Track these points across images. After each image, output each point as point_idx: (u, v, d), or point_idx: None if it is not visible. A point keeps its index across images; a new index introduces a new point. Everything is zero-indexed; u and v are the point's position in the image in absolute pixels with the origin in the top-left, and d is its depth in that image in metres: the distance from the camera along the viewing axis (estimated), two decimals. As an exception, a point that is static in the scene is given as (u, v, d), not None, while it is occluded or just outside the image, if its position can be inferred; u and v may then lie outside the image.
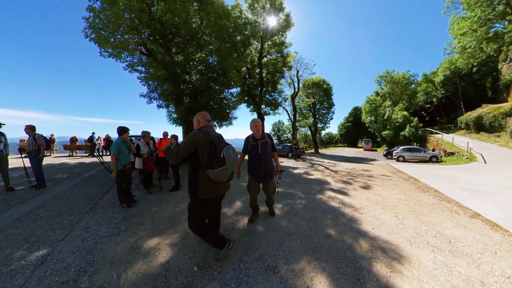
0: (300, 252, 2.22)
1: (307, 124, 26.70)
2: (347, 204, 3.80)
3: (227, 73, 10.16)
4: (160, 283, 1.81)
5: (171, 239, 2.60)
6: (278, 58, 16.17)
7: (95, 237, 2.69)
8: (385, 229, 2.80)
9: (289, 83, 21.92)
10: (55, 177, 6.22)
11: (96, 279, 1.89)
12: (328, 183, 5.77)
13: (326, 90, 28.00)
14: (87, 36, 8.01)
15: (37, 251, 2.34)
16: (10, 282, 1.84)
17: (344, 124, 53.94)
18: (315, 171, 8.09)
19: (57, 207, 3.76)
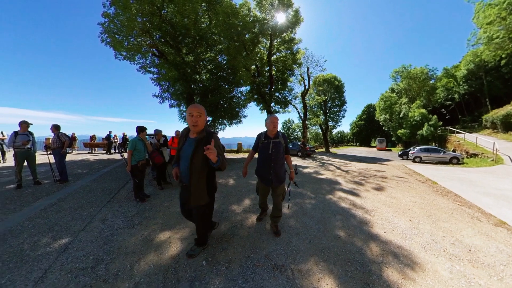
0: (308, 252, 2.20)
1: (317, 123, 25.94)
2: (358, 206, 3.70)
3: (236, 71, 10.23)
4: (170, 275, 1.89)
5: (182, 233, 2.69)
6: (288, 55, 15.88)
7: (111, 228, 2.85)
8: (398, 233, 2.68)
9: (299, 81, 21.50)
10: (76, 172, 6.66)
11: (112, 267, 2.01)
12: (339, 183, 5.64)
13: (338, 87, 26.95)
14: (103, 41, 8.44)
15: (60, 239, 2.54)
16: (37, 266, 2.02)
17: (356, 122, 51.76)
18: (326, 171, 7.94)
19: (78, 200, 4.04)
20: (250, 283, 1.76)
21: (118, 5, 7.64)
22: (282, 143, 2.51)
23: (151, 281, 1.82)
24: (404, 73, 31.32)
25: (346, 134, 61.04)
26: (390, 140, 38.70)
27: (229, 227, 2.83)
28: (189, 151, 1.87)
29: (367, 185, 5.35)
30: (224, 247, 2.32)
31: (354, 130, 52.16)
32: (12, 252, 2.26)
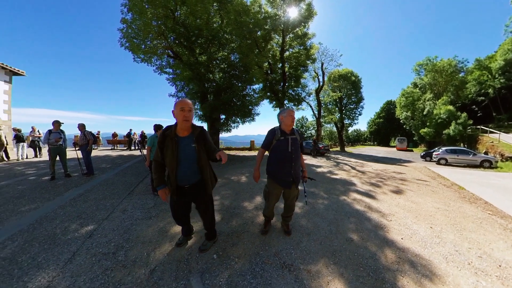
0: (318, 253, 2.17)
1: (332, 120, 24.67)
2: (373, 209, 3.54)
3: (249, 69, 10.29)
4: (182, 265, 1.99)
5: (195, 227, 2.78)
6: (301, 51, 15.37)
7: (131, 219, 3.06)
8: (417, 241, 2.52)
9: (313, 77, 20.75)
10: (101, 166, 7.23)
11: (131, 254, 2.17)
12: (354, 184, 5.44)
13: (355, 82, 25.26)
14: (122, 45, 9.03)
15: (87, 226, 2.78)
16: (67, 249, 2.25)
17: (374, 120, 48.81)
18: (340, 171, 7.70)
19: (102, 191, 4.37)
20: (258, 279, 1.78)
21: (134, 11, 8.10)
22: (299, 140, 2.33)
23: (165, 269, 1.93)
24: (428, 66, 28.20)
25: (363, 133, 58.14)
26: (411, 140, 36.09)
27: (240, 223, 2.88)
28: (190, 152, 1.80)
29: (384, 188, 5.10)
30: (234, 243, 2.38)
31: (372, 128, 49.26)
32: (47, 235, 2.53)
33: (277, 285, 1.72)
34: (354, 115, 26.82)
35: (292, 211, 2.50)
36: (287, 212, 2.50)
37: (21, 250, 2.23)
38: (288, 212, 2.49)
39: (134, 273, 1.88)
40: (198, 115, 10.75)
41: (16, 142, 8.57)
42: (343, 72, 24.73)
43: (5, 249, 2.25)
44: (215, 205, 3.62)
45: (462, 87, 27.19)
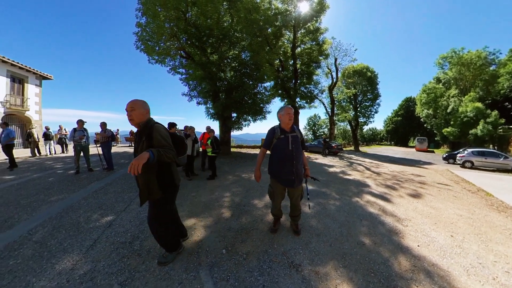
0: (328, 255, 2.13)
1: (346, 118, 23.39)
2: (388, 213, 3.39)
3: (260, 67, 10.26)
4: (193, 258, 2.06)
5: (205, 222, 2.88)
6: (313, 46, 14.79)
7: (146, 211, 3.19)
8: (435, 249, 2.36)
9: (326, 73, 19.93)
10: (119, 162, 7.68)
11: (145, 244, 2.30)
12: (368, 185, 5.24)
13: (370, 78, 23.57)
14: (137, 48, 9.48)
15: (107, 217, 2.98)
16: (89, 236, 2.44)
17: (392, 118, 45.64)
18: (354, 171, 7.45)
19: (121, 185, 4.65)
20: (265, 277, 1.80)
21: (148, 14, 8.47)
22: (299, 137, 2.28)
23: (176, 261, 2.02)
24: (454, 59, 25.16)
25: (379, 132, 55.01)
26: (433, 140, 33.50)
27: (249, 221, 2.91)
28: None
29: (401, 191, 4.85)
30: (243, 239, 2.41)
31: (389, 127, 46.07)
32: (72, 223, 2.76)
33: (284, 284, 1.72)
34: (370, 113, 25.19)
35: (298, 211, 2.47)
36: (293, 212, 2.48)
37: (50, 235, 2.46)
38: (295, 211, 2.46)
39: (148, 262, 1.99)
40: (210, 114, 10.94)
41: (45, 139, 9.38)
42: (358, 68, 23.28)
43: (37, 233, 2.50)
44: (226, 201, 3.73)
45: (493, 82, 23.76)
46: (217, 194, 4.18)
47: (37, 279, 1.76)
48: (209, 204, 3.58)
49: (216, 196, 4.06)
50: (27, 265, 1.94)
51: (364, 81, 23.76)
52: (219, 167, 6.14)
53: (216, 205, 3.54)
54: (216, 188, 4.62)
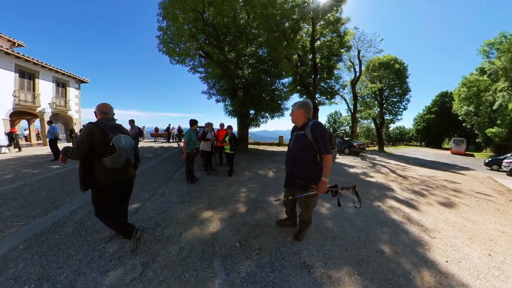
0: (342, 260, 2.06)
1: (370, 116, 21.29)
2: (414, 221, 3.13)
3: (277, 63, 10.11)
4: (208, 248, 2.17)
5: (222, 215, 2.99)
6: (334, 38, 13.81)
7: (168, 201, 3.46)
8: (467, 267, 2.08)
9: (348, 67, 18.48)
10: (145, 156, 8.32)
11: (166, 232, 2.48)
12: (392, 189, 4.89)
13: (399, 71, 20.88)
14: (160, 50, 10.06)
15: (133, 204, 3.27)
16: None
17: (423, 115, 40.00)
18: (376, 173, 6.99)
19: (146, 176, 5.06)
20: (276, 274, 1.82)
21: (168, 18, 8.93)
22: (309, 138, 1.94)
23: (192, 249, 2.15)
24: (504, 45, 19.97)
25: (407, 131, 49.27)
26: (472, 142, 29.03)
27: (264, 217, 2.94)
28: None
29: (430, 198, 4.43)
30: (257, 235, 2.45)
31: (420, 125, 40.46)
32: None
33: (294, 284, 1.72)
34: (397, 109, 22.40)
35: (303, 217, 2.28)
36: (301, 217, 2.33)
37: (87, 217, 2.79)
38: (300, 215, 2.32)
39: (168, 248, 2.15)
40: (228, 111, 11.14)
41: None
42: (384, 60, 20.63)
43: (76, 215, 2.86)
44: (242, 196, 3.83)
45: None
46: (233, 189, 4.30)
47: (76, 253, 2.03)
48: (226, 198, 3.70)
49: (232, 191, 4.17)
50: (69, 241, 2.24)
51: (392, 74, 20.94)
52: (236, 163, 6.28)
53: (232, 200, 3.64)
54: (233, 183, 4.74)
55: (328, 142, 1.93)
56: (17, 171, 5.42)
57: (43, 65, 11.42)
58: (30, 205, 3.17)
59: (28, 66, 10.87)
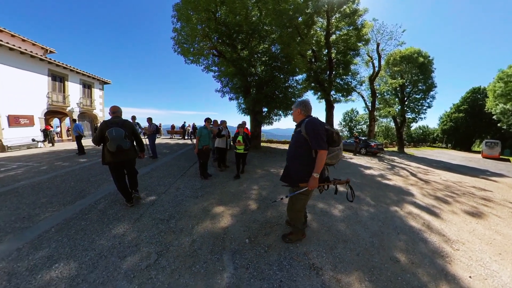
0: (353, 265, 2.00)
1: (390, 114, 19.07)
2: (435, 230, 2.92)
3: (291, 60, 9.87)
4: (218, 242, 2.24)
5: (233, 211, 3.05)
6: (350, 31, 12.80)
7: (182, 195, 3.60)
8: (494, 286, 1.88)
9: (366, 62, 17.37)
10: (162, 151, 8.70)
11: (179, 224, 2.60)
12: (412, 194, 4.61)
13: (423, 65, 18.62)
14: (175, 51, 10.32)
15: (150, 197, 3.46)
16: (137, 211, 2.90)
17: (450, 114, 35.60)
18: (395, 176, 6.62)
19: (162, 171, 5.31)
20: (284, 273, 1.82)
21: (182, 19, 9.13)
22: (303, 133, 1.96)
23: (204, 242, 2.23)
24: None
25: (431, 131, 44.10)
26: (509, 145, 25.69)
27: (274, 215, 2.95)
28: None
29: (455, 205, 4.10)
30: (267, 232, 2.47)
31: (446, 125, 36.05)
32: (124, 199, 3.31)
33: (302, 285, 1.71)
34: (421, 107, 19.98)
35: (288, 217, 2.30)
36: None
37: (109, 206, 3.02)
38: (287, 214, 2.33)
39: (180, 239, 2.26)
40: (241, 109, 11.18)
41: None
42: (406, 53, 18.62)
43: (100, 204, 3.10)
44: (253, 194, 3.89)
45: None
46: (245, 186, 4.35)
47: (99, 238, 2.22)
48: (237, 195, 3.76)
49: (244, 188, 4.22)
50: (93, 227, 2.45)
51: (415, 69, 18.68)
52: (248, 160, 6.34)
53: (244, 197, 3.69)
54: (245, 180, 4.79)
55: (321, 138, 1.88)
56: (50, 164, 6.02)
57: (71, 69, 12.63)
58: (61, 194, 3.50)
59: (59, 70, 12.08)
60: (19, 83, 9.78)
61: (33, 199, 3.26)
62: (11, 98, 9.47)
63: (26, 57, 10.07)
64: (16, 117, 9.64)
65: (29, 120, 10.27)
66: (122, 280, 1.69)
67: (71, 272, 1.76)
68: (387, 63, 19.15)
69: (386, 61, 18.87)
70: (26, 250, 2.02)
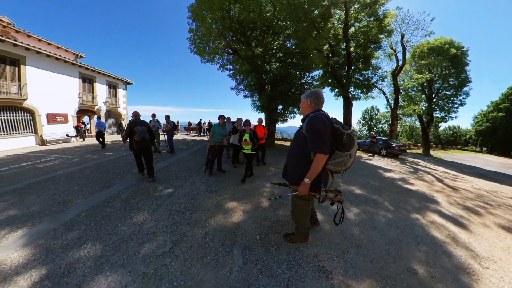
0: (366, 272, 1.92)
1: (415, 112, 17.17)
2: (461, 243, 2.66)
3: (306, 55, 9.48)
4: (229, 236, 2.31)
5: (245, 207, 3.11)
6: (371, 23, 11.75)
7: (197, 189, 3.75)
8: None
9: (388, 55, 15.95)
10: (179, 147, 9.13)
11: (193, 216, 2.73)
12: (437, 202, 4.26)
13: (455, 57, 16.19)
14: (191, 51, 10.58)
15: (168, 189, 3.66)
16: (155, 202, 3.09)
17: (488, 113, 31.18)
18: (418, 181, 6.15)
19: (179, 166, 5.59)
20: (292, 273, 1.82)
21: (197, 20, 9.31)
22: (304, 130, 1.73)
23: (216, 235, 2.31)
24: None
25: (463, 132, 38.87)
26: None
27: (286, 214, 2.93)
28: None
29: (487, 218, 3.70)
30: (277, 230, 2.48)
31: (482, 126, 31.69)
32: (145, 190, 3.56)
33: (310, 286, 1.69)
34: (451, 105, 17.70)
35: (292, 218, 2.14)
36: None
37: (131, 196, 3.26)
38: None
39: (194, 231, 2.37)
40: (256, 106, 11.15)
41: None
42: (435, 44, 16.39)
43: (123, 194, 3.37)
44: (266, 191, 3.92)
45: None
46: (258, 183, 4.38)
47: (121, 224, 2.42)
48: (250, 192, 3.81)
49: (257, 185, 4.25)
50: (116, 214, 2.67)
51: (445, 62, 16.34)
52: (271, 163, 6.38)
53: (256, 194, 3.72)
54: (258, 177, 4.82)
55: (320, 139, 1.60)
56: (81, 156, 6.69)
57: (98, 71, 14.04)
58: (90, 183, 3.87)
59: (88, 73, 13.50)
60: (55, 85, 11.06)
61: (67, 187, 3.65)
62: (49, 99, 10.72)
63: (60, 62, 11.31)
64: (53, 115, 10.88)
65: (64, 118, 11.53)
66: (140, 264, 1.83)
67: (96, 252, 1.95)
68: (413, 56, 17.21)
69: (411, 53, 17.00)
70: (60, 231, 2.29)
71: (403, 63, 15.72)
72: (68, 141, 11.14)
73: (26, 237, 2.17)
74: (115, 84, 16.16)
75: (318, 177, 1.73)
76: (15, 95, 9.01)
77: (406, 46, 15.34)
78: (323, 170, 1.74)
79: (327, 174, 1.91)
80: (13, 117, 9.14)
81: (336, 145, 1.70)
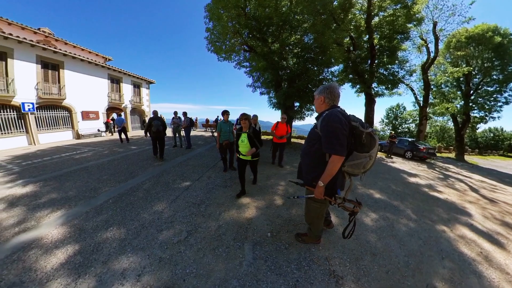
0: (379, 282, 1.81)
1: (448, 111, 14.56)
2: (494, 263, 2.34)
3: (325, 50, 8.95)
4: (242, 231, 2.37)
5: (258, 204, 3.15)
6: (397, 11, 10.37)
7: (213, 184, 3.89)
8: None
9: (418, 46, 13.67)
10: (197, 143, 9.56)
11: (208, 209, 2.85)
12: (468, 214, 3.84)
13: (501, 47, 13.35)
14: (208, 50, 10.83)
15: (185, 183, 3.85)
16: (173, 193, 3.29)
17: None
18: (448, 189, 5.58)
19: (196, 160, 5.84)
20: (301, 273, 1.80)
21: (213, 19, 9.47)
22: (317, 130, 1.61)
23: (228, 228, 2.39)
24: None
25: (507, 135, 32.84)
26: None
27: (299, 214, 2.90)
28: None
29: (533, 235, 3.25)
30: (289, 230, 2.46)
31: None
32: (164, 182, 3.80)
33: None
34: (494, 103, 14.83)
35: (306, 219, 2.04)
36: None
37: (152, 187, 3.50)
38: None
39: (208, 223, 2.47)
40: (272, 103, 10.97)
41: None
42: (475, 32, 13.83)
43: (145, 184, 3.64)
44: (280, 189, 3.90)
45: None
46: (272, 181, 4.38)
47: (143, 212, 2.64)
48: (264, 189, 3.83)
49: (271, 183, 4.26)
50: (139, 202, 2.90)
51: (488, 52, 13.67)
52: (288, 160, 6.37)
53: (270, 191, 3.73)
54: (273, 175, 4.81)
55: (336, 139, 1.46)
56: (110, 149, 7.37)
57: (124, 72, 15.46)
58: (118, 173, 4.26)
59: (115, 74, 14.91)
60: (88, 86, 12.46)
61: (98, 176, 4.06)
62: (83, 98, 12.13)
63: (92, 65, 12.70)
64: (87, 113, 12.25)
65: (95, 115, 12.89)
66: (157, 249, 1.98)
67: (120, 235, 2.15)
68: (447, 47, 14.93)
69: (445, 44, 14.77)
70: (91, 214, 2.57)
71: (435, 55, 13.50)
72: (99, 136, 12.40)
73: (63, 218, 2.49)
74: (139, 83, 17.52)
75: (333, 180, 1.59)
76: (56, 95, 10.38)
77: (439, 36, 13.13)
78: (339, 172, 1.59)
79: (343, 177, 1.79)
80: (55, 114, 10.52)
81: (354, 145, 1.57)
